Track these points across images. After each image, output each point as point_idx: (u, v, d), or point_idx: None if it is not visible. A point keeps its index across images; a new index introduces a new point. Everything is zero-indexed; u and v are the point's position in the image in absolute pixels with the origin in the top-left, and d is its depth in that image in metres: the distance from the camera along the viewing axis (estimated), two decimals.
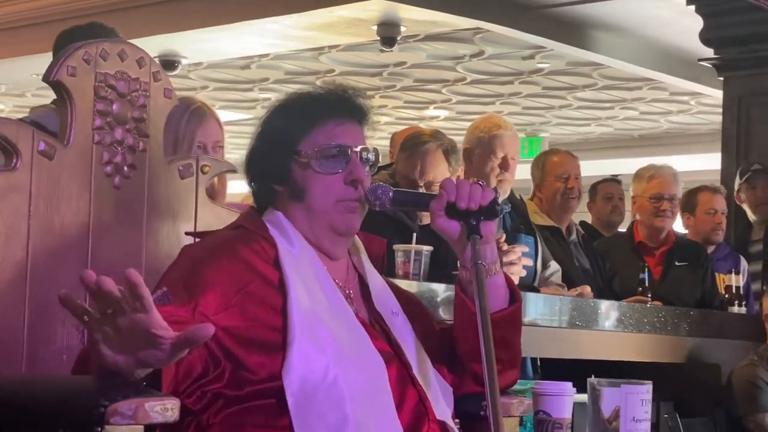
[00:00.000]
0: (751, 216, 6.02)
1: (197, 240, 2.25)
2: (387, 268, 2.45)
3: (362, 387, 2.01)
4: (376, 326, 2.17)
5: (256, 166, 2.20)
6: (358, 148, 2.15)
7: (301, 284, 2.06)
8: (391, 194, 2.18)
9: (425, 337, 2.23)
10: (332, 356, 2.00)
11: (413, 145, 3.91)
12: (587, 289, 4.28)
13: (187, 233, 2.33)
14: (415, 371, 2.14)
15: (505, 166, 4.07)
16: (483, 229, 2.14)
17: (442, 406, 2.16)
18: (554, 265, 4.33)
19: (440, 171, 3.80)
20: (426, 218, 3.73)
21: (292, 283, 2.04)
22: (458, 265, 2.23)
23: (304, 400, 1.95)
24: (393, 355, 2.12)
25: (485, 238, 2.14)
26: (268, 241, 2.11)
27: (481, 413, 2.25)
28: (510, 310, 2.21)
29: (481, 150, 4.10)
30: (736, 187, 6.10)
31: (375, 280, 2.24)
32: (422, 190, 3.73)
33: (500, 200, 4.00)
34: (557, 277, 4.30)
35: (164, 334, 1.63)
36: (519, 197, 4.52)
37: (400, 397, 2.07)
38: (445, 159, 3.83)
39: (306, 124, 2.15)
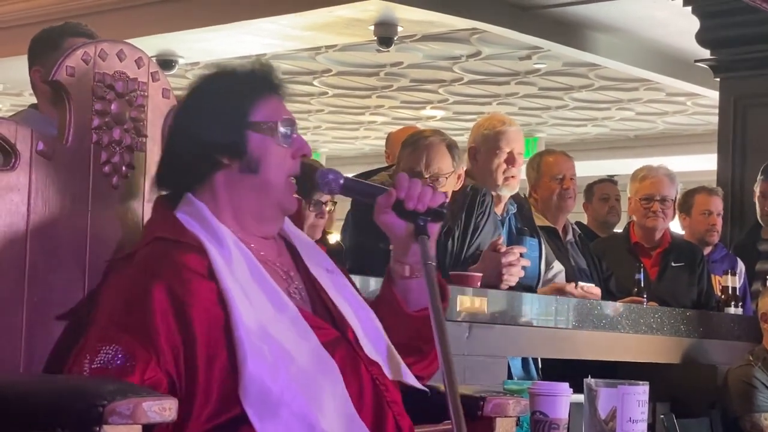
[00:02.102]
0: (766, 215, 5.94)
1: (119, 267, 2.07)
2: None
3: (324, 395, 1.95)
4: (317, 302, 2.11)
5: (194, 134, 2.05)
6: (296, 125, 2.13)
7: (241, 293, 1.96)
8: (341, 181, 2.18)
9: None
10: (288, 370, 1.93)
11: (417, 140, 3.92)
12: (596, 289, 4.25)
13: (108, 261, 2.15)
14: (361, 335, 2.08)
15: (511, 161, 4.10)
16: (429, 230, 2.14)
17: (395, 364, 2.11)
18: (557, 266, 4.33)
19: (445, 163, 3.81)
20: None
21: (233, 296, 1.94)
22: (392, 260, 2.22)
23: (270, 419, 1.88)
24: (340, 338, 2.06)
25: (431, 238, 2.14)
26: (195, 249, 1.99)
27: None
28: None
29: (487, 147, 4.13)
30: (756, 184, 6.01)
31: (301, 239, 2.20)
32: (428, 182, 3.72)
33: (507, 196, 4.08)
34: (561, 279, 4.30)
35: None
36: (524, 197, 4.51)
37: (357, 387, 2.02)
38: (448, 152, 3.85)
39: (254, 95, 2.09)
